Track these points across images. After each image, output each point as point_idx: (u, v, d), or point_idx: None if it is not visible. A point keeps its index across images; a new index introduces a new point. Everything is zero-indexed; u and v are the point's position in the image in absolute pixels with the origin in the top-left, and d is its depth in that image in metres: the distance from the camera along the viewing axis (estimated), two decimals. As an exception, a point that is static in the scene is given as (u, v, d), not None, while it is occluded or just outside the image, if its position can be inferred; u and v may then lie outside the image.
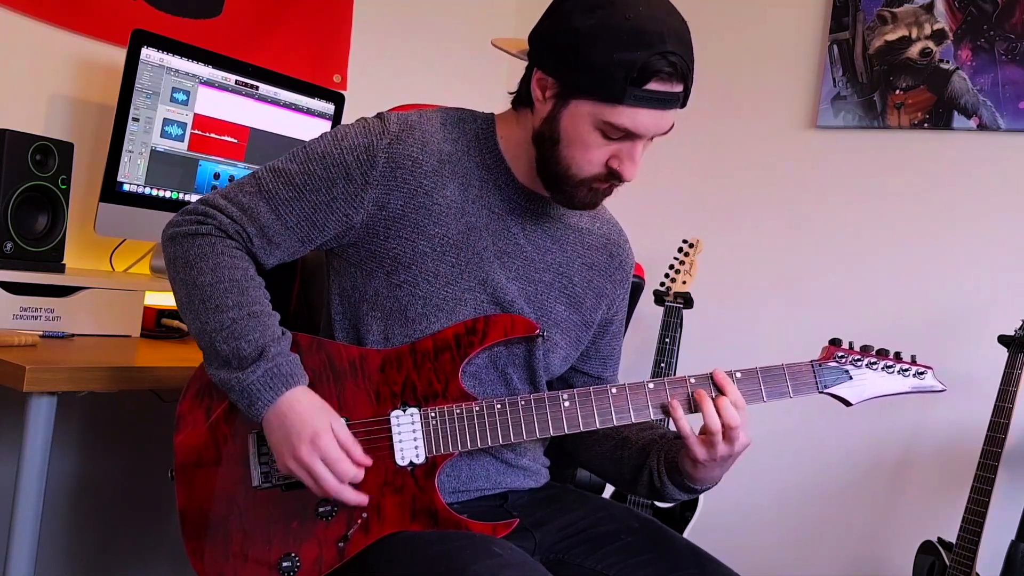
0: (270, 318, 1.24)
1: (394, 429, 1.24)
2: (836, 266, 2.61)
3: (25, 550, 1.39)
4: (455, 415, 1.24)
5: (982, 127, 2.39)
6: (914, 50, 2.48)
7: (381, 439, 1.23)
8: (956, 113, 2.42)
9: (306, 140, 1.32)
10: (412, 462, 1.24)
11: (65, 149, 1.73)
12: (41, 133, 1.75)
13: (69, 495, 2.14)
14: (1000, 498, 2.12)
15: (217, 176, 2.05)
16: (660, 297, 2.53)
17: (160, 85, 1.90)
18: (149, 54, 1.87)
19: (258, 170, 1.30)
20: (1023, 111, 2.34)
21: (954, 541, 2.08)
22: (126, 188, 1.91)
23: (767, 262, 2.72)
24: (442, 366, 1.26)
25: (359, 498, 1.20)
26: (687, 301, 2.51)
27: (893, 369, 1.32)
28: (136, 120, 1.88)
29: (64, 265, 1.74)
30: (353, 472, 1.19)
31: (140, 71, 1.86)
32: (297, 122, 2.17)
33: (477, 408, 1.25)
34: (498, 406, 1.25)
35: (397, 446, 1.23)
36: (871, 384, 1.31)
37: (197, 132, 1.99)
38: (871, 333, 1.66)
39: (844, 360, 1.30)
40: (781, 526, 2.62)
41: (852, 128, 2.59)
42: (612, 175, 1.25)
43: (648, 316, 2.52)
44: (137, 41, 1.85)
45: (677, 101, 1.21)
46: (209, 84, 1.99)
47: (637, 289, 1.73)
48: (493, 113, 1.36)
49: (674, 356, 2.48)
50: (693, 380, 1.27)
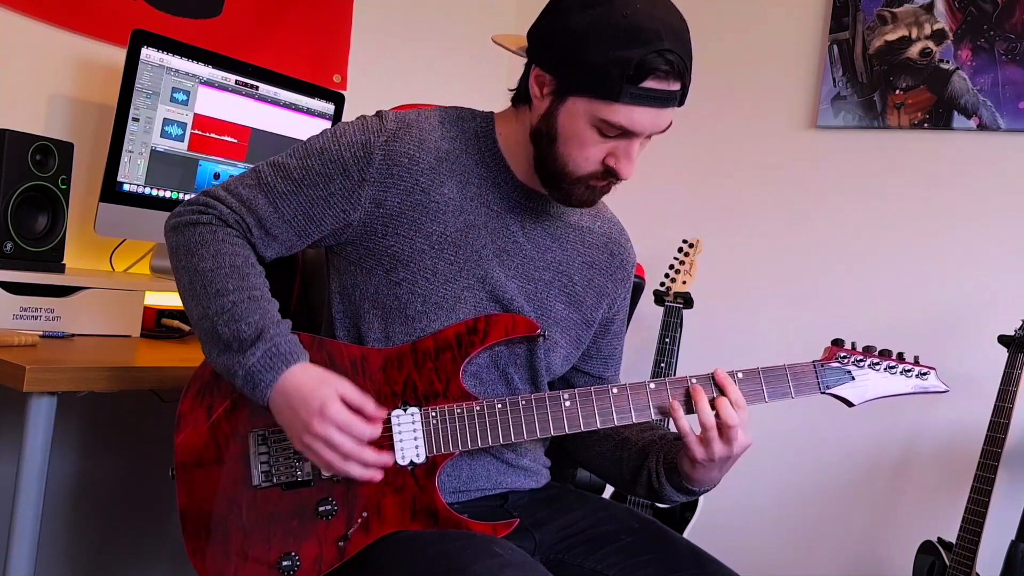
0: (270, 303, 1.24)
1: (395, 428, 1.24)
2: (836, 266, 2.60)
3: (25, 550, 1.39)
4: (456, 415, 1.24)
5: (982, 127, 2.39)
6: (914, 50, 2.48)
7: (382, 438, 1.23)
8: (956, 113, 2.42)
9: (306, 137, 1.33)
10: (413, 461, 1.24)
11: (65, 149, 1.73)
12: (41, 133, 1.75)
13: (69, 495, 2.14)
14: (1000, 498, 2.12)
15: (217, 176, 2.05)
16: (660, 297, 2.53)
17: (160, 85, 1.90)
18: (149, 54, 1.87)
19: (259, 164, 1.31)
20: (1023, 111, 2.34)
21: (954, 541, 2.08)
22: (126, 188, 1.91)
23: (767, 262, 2.72)
24: (443, 365, 1.26)
25: (381, 458, 1.19)
26: (687, 301, 2.51)
27: (896, 370, 1.31)
28: (136, 120, 1.88)
29: (64, 265, 1.74)
30: (369, 430, 1.18)
31: (140, 71, 1.86)
32: (297, 122, 2.17)
33: (478, 408, 1.25)
34: (499, 406, 1.25)
35: (398, 445, 1.23)
36: (874, 385, 1.30)
37: (197, 132, 1.99)
38: (871, 333, 1.66)
39: (846, 361, 1.30)
40: (781, 526, 2.62)
41: (852, 128, 2.59)
42: (609, 173, 1.25)
43: (648, 316, 2.52)
44: (137, 41, 1.85)
45: (674, 99, 1.20)
46: (209, 84, 1.99)
47: (637, 289, 1.72)
48: (493, 112, 1.36)
49: (674, 356, 2.49)
50: (694, 380, 1.27)
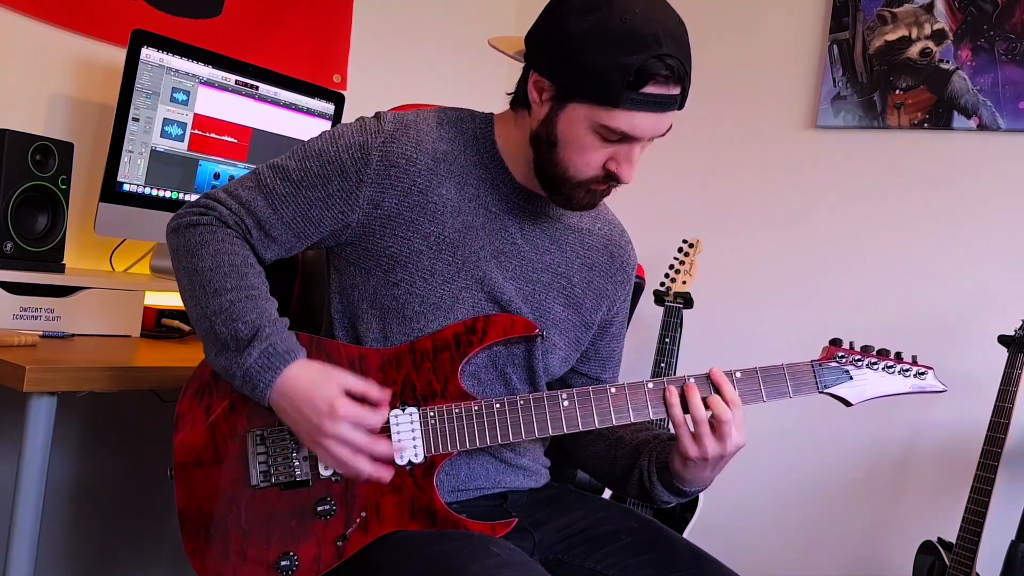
0: (268, 302, 1.24)
1: (393, 428, 1.24)
2: (836, 266, 2.60)
3: (25, 550, 1.40)
4: (454, 415, 1.24)
5: (982, 127, 2.39)
6: (914, 50, 2.48)
7: (380, 439, 1.23)
8: (956, 113, 2.42)
9: (306, 139, 1.33)
10: (411, 461, 1.24)
11: (65, 149, 1.73)
12: (41, 133, 1.75)
13: (69, 495, 2.14)
14: (1000, 498, 2.12)
15: (217, 176, 2.05)
16: (660, 297, 2.53)
17: (160, 85, 1.91)
18: (149, 54, 1.87)
19: (259, 166, 1.32)
20: (1023, 111, 2.34)
21: (954, 541, 2.07)
22: (126, 188, 1.91)
23: (767, 262, 2.72)
24: (441, 365, 1.26)
25: (392, 449, 1.21)
26: (687, 301, 2.51)
27: (894, 369, 1.31)
28: (136, 120, 1.88)
29: (64, 265, 1.74)
30: (378, 417, 1.20)
31: (140, 71, 1.86)
32: (297, 122, 2.17)
33: (476, 408, 1.25)
34: (497, 406, 1.25)
35: (396, 445, 1.23)
36: (871, 384, 1.30)
37: (197, 132, 1.99)
38: (871, 333, 1.66)
39: (844, 360, 1.30)
40: (781, 526, 2.62)
41: (852, 128, 2.59)
42: (609, 177, 1.25)
43: (648, 316, 2.52)
44: (137, 41, 1.85)
45: (675, 103, 1.20)
46: (209, 84, 1.99)
47: (637, 289, 1.72)
48: (492, 113, 1.36)
49: (674, 356, 2.49)
50: (692, 380, 1.27)
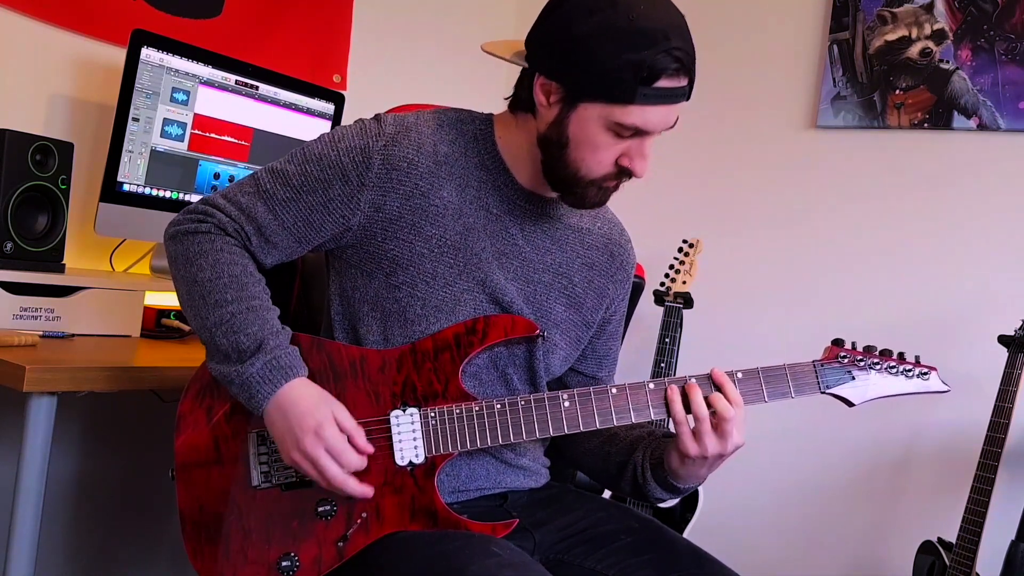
0: (269, 312, 1.24)
1: (394, 429, 1.24)
2: (836, 266, 2.60)
3: (25, 550, 1.40)
4: (455, 415, 1.24)
5: (982, 127, 2.39)
6: (914, 50, 2.48)
7: (381, 439, 1.23)
8: (956, 113, 2.42)
9: (307, 140, 1.33)
10: (412, 462, 1.24)
11: (65, 149, 1.73)
12: (41, 133, 1.75)
13: (69, 495, 2.14)
14: (1000, 498, 2.12)
15: (217, 176, 2.05)
16: (660, 297, 2.53)
17: (160, 85, 1.90)
18: (149, 54, 1.87)
19: (258, 171, 1.31)
20: (1023, 111, 2.34)
21: (954, 541, 2.08)
22: (126, 188, 1.91)
23: (767, 262, 2.72)
24: (442, 366, 1.26)
25: (363, 489, 1.20)
26: (687, 301, 2.51)
27: (896, 370, 1.31)
28: (136, 120, 1.88)
29: (64, 265, 1.74)
30: (357, 461, 1.19)
31: (140, 71, 1.86)
32: (297, 122, 2.17)
33: (477, 408, 1.25)
34: (498, 406, 1.25)
35: (396, 446, 1.23)
36: (874, 385, 1.30)
37: (197, 132, 1.99)
38: (871, 333, 1.66)
39: (847, 361, 1.30)
40: (781, 526, 2.62)
41: (852, 128, 2.59)
42: (622, 173, 1.26)
43: (648, 316, 2.52)
44: (137, 41, 1.85)
45: (684, 95, 1.22)
46: (209, 84, 1.99)
47: (637, 289, 1.72)
48: (492, 114, 1.36)
49: (674, 356, 2.49)
50: (694, 380, 1.27)
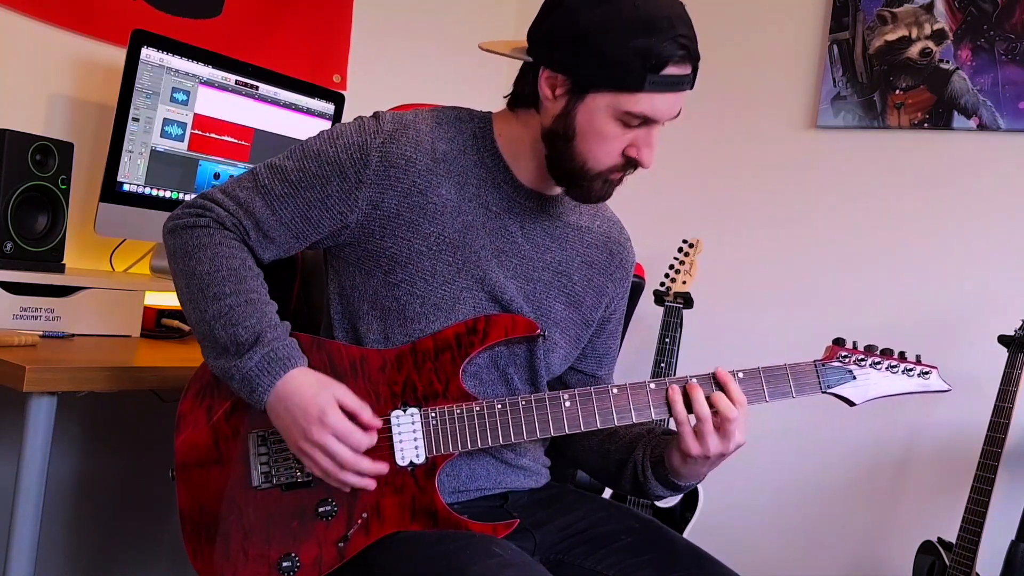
0: (267, 306, 1.24)
1: (394, 429, 1.24)
2: (836, 266, 2.60)
3: (25, 550, 1.39)
4: (455, 415, 1.24)
5: (982, 127, 2.39)
6: (914, 50, 2.48)
7: (381, 439, 1.23)
8: (956, 113, 2.42)
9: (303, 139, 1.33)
10: (412, 462, 1.23)
11: (65, 149, 1.73)
12: (41, 133, 1.74)
13: (69, 495, 2.14)
14: (1000, 498, 2.12)
15: (217, 176, 2.05)
16: (660, 297, 2.53)
17: (160, 85, 1.90)
18: (149, 54, 1.87)
19: (257, 166, 1.31)
20: (1023, 111, 2.34)
21: (954, 541, 2.07)
22: (126, 188, 1.91)
23: (767, 262, 2.72)
24: (443, 366, 1.26)
25: (377, 467, 1.20)
26: (687, 301, 2.51)
27: (897, 369, 1.30)
28: (136, 120, 1.88)
29: (64, 265, 1.74)
30: (366, 439, 1.19)
31: (140, 71, 1.86)
32: (297, 122, 2.17)
33: (477, 408, 1.25)
34: (498, 406, 1.25)
35: (397, 446, 1.23)
36: (875, 384, 1.30)
37: (197, 132, 1.99)
38: (871, 332, 1.66)
39: (848, 360, 1.29)
40: (781, 526, 2.62)
41: (852, 128, 2.59)
42: (629, 164, 1.26)
43: (648, 316, 2.51)
44: (137, 41, 1.85)
45: (689, 83, 1.23)
46: (209, 84, 1.99)
47: (637, 289, 1.72)
48: (490, 112, 1.36)
49: (674, 356, 2.48)
50: (695, 380, 1.27)
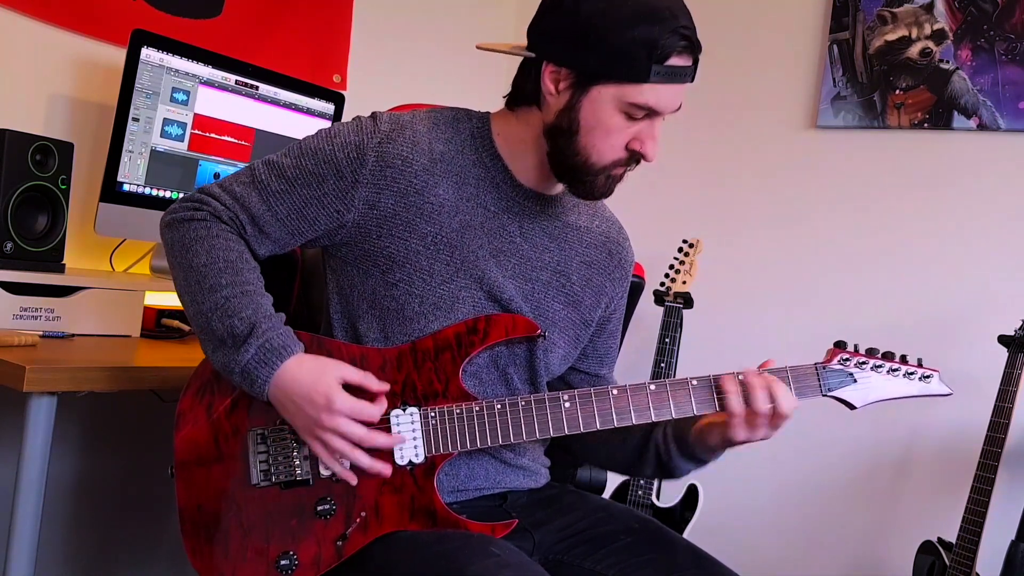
0: (263, 298, 1.25)
1: (394, 428, 1.24)
2: (836, 266, 2.60)
3: (25, 550, 1.39)
4: (455, 415, 1.24)
5: (982, 127, 2.39)
6: (914, 50, 2.48)
7: (378, 432, 1.23)
8: (956, 113, 2.42)
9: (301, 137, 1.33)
10: (411, 461, 1.23)
11: (65, 149, 1.73)
12: (41, 133, 1.74)
13: (69, 495, 2.14)
14: (1000, 498, 2.12)
15: (217, 176, 2.05)
16: (660, 297, 2.53)
17: (160, 85, 1.90)
18: (149, 54, 1.87)
19: (254, 162, 1.32)
20: (1023, 111, 2.34)
21: (954, 541, 2.07)
22: (126, 188, 1.91)
23: (767, 262, 2.72)
24: (442, 365, 1.26)
25: (391, 440, 1.22)
26: (687, 301, 2.51)
27: (899, 372, 1.29)
28: (136, 120, 1.88)
29: (64, 265, 1.74)
30: (377, 410, 1.20)
31: (140, 71, 1.86)
32: (297, 122, 2.17)
33: (477, 408, 1.25)
34: (498, 406, 1.25)
35: (395, 435, 1.23)
36: (876, 387, 1.29)
37: (197, 132, 1.99)
38: (871, 333, 1.66)
39: (849, 363, 1.29)
40: (781, 526, 2.62)
41: (852, 128, 2.59)
42: (632, 158, 1.27)
43: (648, 316, 2.51)
44: (137, 41, 1.85)
45: (691, 75, 1.24)
46: (209, 84, 1.99)
47: (637, 289, 1.72)
48: (488, 112, 1.36)
49: (674, 356, 2.48)
50: (695, 382, 1.27)
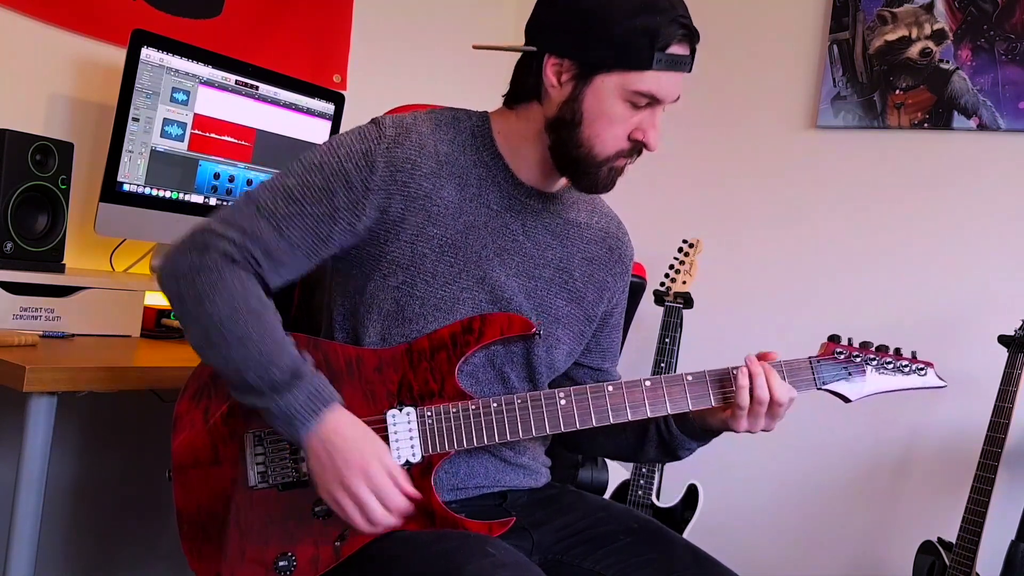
0: (287, 342, 1.21)
1: (390, 428, 1.24)
2: (836, 266, 2.60)
3: (25, 550, 1.40)
4: (451, 414, 1.24)
5: (982, 127, 2.39)
6: (914, 50, 2.48)
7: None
8: (956, 113, 2.42)
9: (308, 142, 1.31)
10: (408, 461, 1.24)
11: (65, 149, 1.73)
12: (41, 133, 1.75)
13: (69, 495, 2.14)
14: (1000, 498, 2.12)
15: (217, 176, 2.05)
16: (660, 297, 2.53)
17: (160, 85, 1.91)
18: (149, 54, 1.88)
19: (252, 190, 1.26)
20: (1023, 111, 2.33)
21: (954, 541, 2.07)
22: (126, 188, 1.91)
23: (767, 262, 2.72)
24: (438, 365, 1.26)
25: (396, 525, 1.19)
26: (687, 301, 2.51)
27: (893, 365, 1.31)
28: (136, 120, 1.88)
29: (64, 265, 1.75)
30: (404, 504, 1.18)
31: (140, 71, 1.86)
32: (297, 122, 2.17)
33: (473, 407, 1.25)
34: (494, 405, 1.25)
35: (393, 445, 1.23)
36: (870, 381, 1.31)
37: (197, 132, 2.00)
38: (871, 333, 1.65)
39: (843, 357, 1.30)
40: (781, 526, 2.62)
41: (852, 128, 2.59)
42: (634, 149, 1.27)
43: (648, 316, 2.51)
44: (137, 41, 1.85)
45: (690, 64, 1.25)
46: (209, 84, 1.99)
47: (638, 289, 1.73)
48: (487, 111, 1.36)
49: (674, 356, 2.49)
50: (690, 378, 1.27)
